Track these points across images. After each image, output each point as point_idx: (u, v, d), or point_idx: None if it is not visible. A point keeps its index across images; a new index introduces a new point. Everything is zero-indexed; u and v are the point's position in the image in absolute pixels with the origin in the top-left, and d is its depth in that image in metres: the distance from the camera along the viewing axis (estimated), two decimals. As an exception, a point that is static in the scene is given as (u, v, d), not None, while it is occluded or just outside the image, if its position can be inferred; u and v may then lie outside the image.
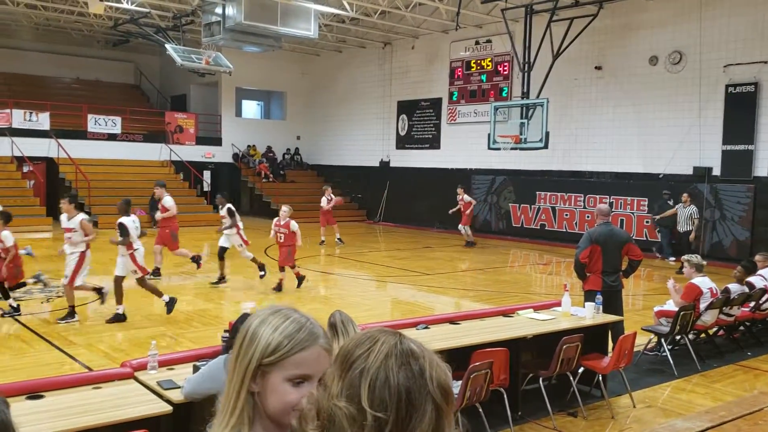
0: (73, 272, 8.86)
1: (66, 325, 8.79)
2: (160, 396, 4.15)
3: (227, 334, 4.64)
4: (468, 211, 18.57)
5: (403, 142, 24.95)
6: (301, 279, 11.62)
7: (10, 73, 26.31)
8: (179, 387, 4.17)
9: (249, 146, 27.79)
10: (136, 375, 4.42)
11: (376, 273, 14.20)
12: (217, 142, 27.11)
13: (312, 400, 1.29)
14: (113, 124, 24.40)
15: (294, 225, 11.23)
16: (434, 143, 23.79)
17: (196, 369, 4.40)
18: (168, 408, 3.99)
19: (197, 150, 26.23)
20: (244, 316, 4.30)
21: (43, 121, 23.06)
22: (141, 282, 9.34)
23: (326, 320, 3.49)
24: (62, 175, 23.08)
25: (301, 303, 10.26)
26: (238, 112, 28.87)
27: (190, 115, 26.74)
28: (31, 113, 22.92)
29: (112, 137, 24.30)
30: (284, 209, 11.36)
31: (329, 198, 18.58)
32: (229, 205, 12.45)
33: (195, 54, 20.31)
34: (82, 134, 23.74)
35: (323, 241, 18.20)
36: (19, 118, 22.67)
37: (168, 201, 12.47)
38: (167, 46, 20.60)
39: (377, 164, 25.61)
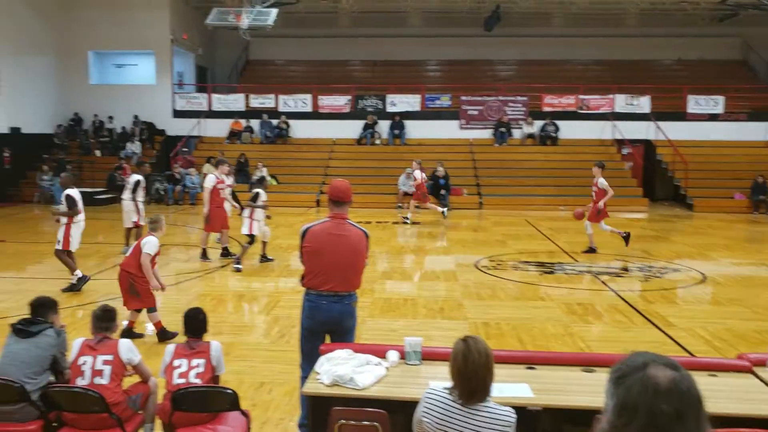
0: None
1: (663, 307, 8.73)
2: (784, 398, 3.62)
3: None
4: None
5: None
6: (162, 334, 6.94)
7: (614, 60, 27.80)
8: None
9: None
10: (754, 370, 3.97)
11: None
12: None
13: None
14: (715, 103, 23.50)
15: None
16: None
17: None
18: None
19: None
20: None
21: (643, 104, 23.78)
22: (58, 253, 9.35)
23: None
24: (659, 156, 23.36)
25: None
26: None
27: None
28: (632, 97, 23.86)
29: (713, 117, 23.48)
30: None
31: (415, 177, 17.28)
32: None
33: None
34: (680, 116, 23.56)
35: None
36: (621, 102, 23.92)
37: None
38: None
39: None
